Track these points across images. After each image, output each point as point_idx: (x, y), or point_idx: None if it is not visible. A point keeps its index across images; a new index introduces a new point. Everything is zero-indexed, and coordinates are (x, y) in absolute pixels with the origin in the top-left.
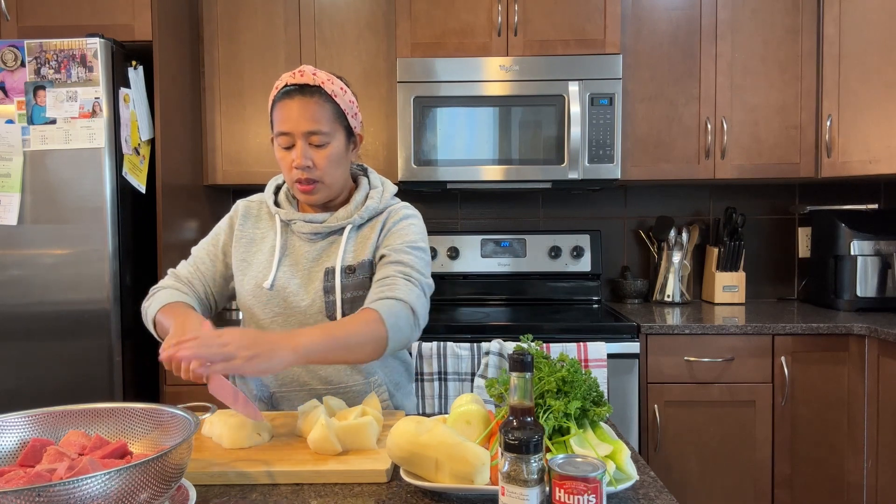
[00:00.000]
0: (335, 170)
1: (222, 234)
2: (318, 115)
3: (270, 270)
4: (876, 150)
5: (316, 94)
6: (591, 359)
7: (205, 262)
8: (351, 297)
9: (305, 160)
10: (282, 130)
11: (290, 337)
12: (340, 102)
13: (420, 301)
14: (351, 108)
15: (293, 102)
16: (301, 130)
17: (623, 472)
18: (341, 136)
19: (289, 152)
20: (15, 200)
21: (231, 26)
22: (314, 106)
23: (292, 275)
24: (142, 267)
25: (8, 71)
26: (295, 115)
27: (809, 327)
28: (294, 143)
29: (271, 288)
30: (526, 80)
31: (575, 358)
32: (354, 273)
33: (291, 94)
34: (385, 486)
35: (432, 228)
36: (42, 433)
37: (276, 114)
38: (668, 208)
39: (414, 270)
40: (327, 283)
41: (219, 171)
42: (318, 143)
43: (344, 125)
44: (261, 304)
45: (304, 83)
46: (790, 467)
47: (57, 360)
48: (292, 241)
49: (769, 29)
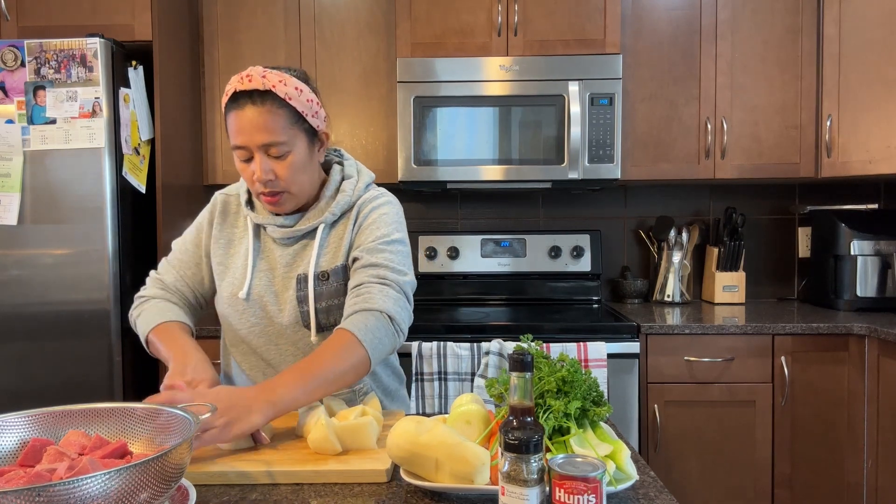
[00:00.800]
0: (300, 177)
1: (203, 233)
2: (272, 125)
3: (245, 279)
4: (876, 150)
5: (268, 100)
6: (591, 359)
7: (189, 268)
8: (326, 307)
9: (266, 174)
10: (236, 144)
11: (266, 391)
12: (297, 105)
13: (398, 305)
14: (310, 108)
15: (244, 113)
16: (257, 143)
17: (623, 471)
18: (302, 140)
19: (248, 164)
20: (15, 200)
21: (231, 26)
22: (267, 115)
23: (269, 282)
24: (142, 267)
25: (8, 71)
26: (248, 126)
27: (809, 327)
28: (252, 156)
29: (247, 298)
30: (526, 80)
31: (575, 358)
32: (328, 280)
33: (241, 103)
34: (385, 486)
35: (432, 228)
36: (42, 433)
37: (230, 124)
38: (668, 208)
39: (389, 271)
40: (300, 293)
41: (219, 171)
42: (277, 154)
43: (304, 128)
44: (237, 314)
45: (254, 88)
46: (790, 467)
47: (57, 360)
48: (266, 244)
49: (769, 29)
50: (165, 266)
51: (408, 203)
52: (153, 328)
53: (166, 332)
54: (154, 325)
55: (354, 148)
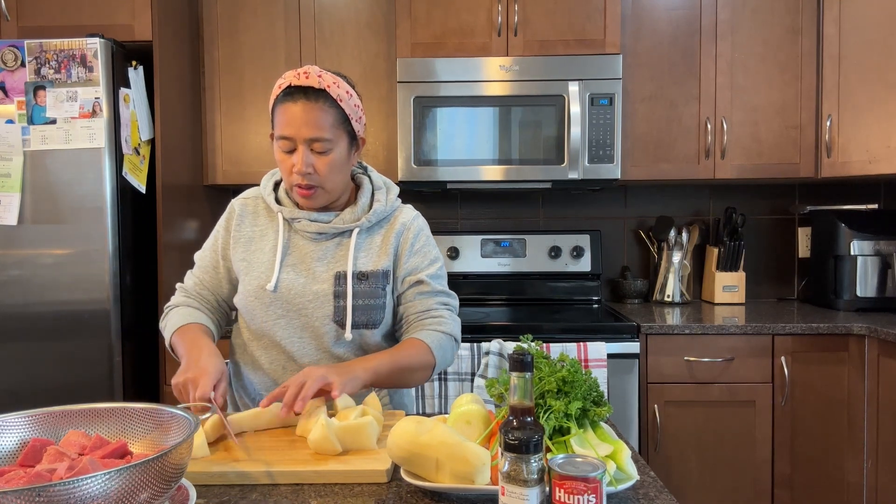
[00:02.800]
0: (336, 176)
1: (220, 238)
2: (321, 122)
3: (273, 271)
4: (876, 150)
5: (321, 98)
6: (590, 359)
7: (208, 272)
8: (362, 305)
9: (307, 167)
10: (283, 135)
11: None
12: (346, 108)
13: (459, 328)
14: (356, 113)
15: (296, 106)
16: (303, 137)
17: (624, 471)
18: (344, 141)
19: (289, 156)
20: (15, 200)
21: (231, 26)
22: (318, 111)
23: (296, 275)
24: (142, 267)
25: (8, 71)
26: (298, 119)
27: (809, 327)
28: (295, 148)
29: (275, 290)
30: (526, 80)
31: (575, 358)
32: (367, 280)
33: (295, 97)
34: (385, 486)
35: (432, 228)
36: (42, 433)
37: (278, 115)
38: (668, 208)
39: (451, 298)
40: (338, 288)
41: (219, 171)
42: (320, 150)
43: (347, 130)
44: (263, 306)
45: (309, 86)
46: (790, 467)
47: (57, 360)
48: (295, 239)
49: (769, 29)
50: (188, 275)
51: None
52: (173, 332)
53: (183, 333)
54: (174, 330)
55: None
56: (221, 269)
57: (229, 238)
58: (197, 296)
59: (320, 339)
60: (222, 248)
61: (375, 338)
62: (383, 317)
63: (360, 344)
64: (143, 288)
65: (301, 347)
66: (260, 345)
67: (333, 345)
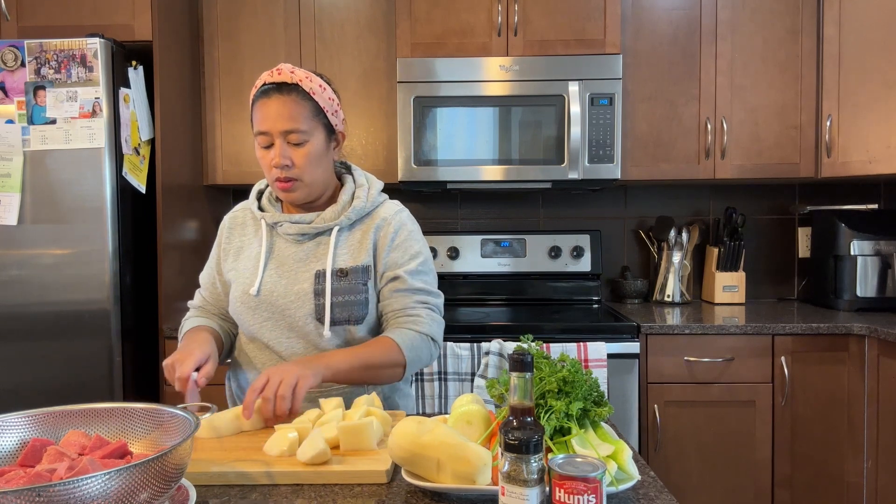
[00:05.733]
0: (315, 168)
1: (214, 255)
2: (295, 114)
3: (257, 276)
4: (876, 150)
5: (293, 91)
6: (591, 359)
7: (209, 290)
8: (342, 301)
9: (284, 159)
10: (260, 130)
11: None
12: (319, 100)
13: (439, 328)
14: (331, 106)
15: (271, 101)
16: (278, 129)
17: (625, 471)
18: (320, 133)
19: (268, 151)
20: (15, 200)
21: (231, 26)
22: (291, 104)
23: (279, 278)
24: (142, 267)
25: (8, 71)
26: (272, 113)
27: (809, 327)
28: (273, 143)
29: (258, 294)
30: (526, 80)
31: (575, 358)
32: (347, 277)
33: (269, 93)
34: (385, 486)
35: (432, 228)
36: (42, 433)
37: (255, 113)
38: (668, 208)
39: (431, 296)
40: (317, 286)
41: (219, 171)
42: (296, 141)
43: (323, 122)
44: (250, 311)
45: (282, 81)
46: (790, 467)
47: (57, 360)
48: (278, 243)
49: (769, 29)
50: (196, 293)
51: (408, 203)
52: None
53: (188, 334)
54: (183, 335)
55: (354, 148)
56: (219, 284)
57: (220, 252)
58: (205, 305)
59: (307, 338)
60: (216, 264)
61: (361, 333)
62: (366, 312)
63: (347, 339)
64: (143, 288)
65: (289, 347)
66: (253, 347)
67: (320, 343)
